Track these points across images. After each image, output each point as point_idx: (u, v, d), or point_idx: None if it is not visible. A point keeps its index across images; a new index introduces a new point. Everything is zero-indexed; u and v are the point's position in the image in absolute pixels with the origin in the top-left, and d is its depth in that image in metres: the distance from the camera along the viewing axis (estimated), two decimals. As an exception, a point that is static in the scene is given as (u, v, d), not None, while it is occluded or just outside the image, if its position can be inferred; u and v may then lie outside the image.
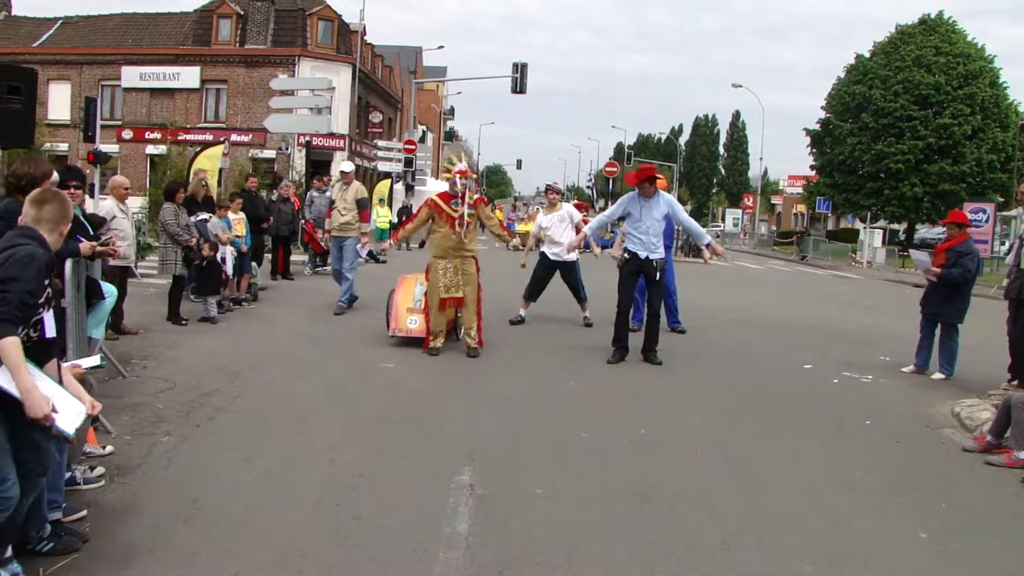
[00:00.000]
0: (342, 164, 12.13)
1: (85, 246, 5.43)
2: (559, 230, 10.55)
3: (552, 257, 10.58)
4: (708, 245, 8.80)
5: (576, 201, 28.13)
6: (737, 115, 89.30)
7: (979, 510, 4.84)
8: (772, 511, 4.58)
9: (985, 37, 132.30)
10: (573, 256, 10.56)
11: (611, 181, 55.91)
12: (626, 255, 8.49)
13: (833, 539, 4.23)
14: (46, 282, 3.44)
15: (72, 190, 5.86)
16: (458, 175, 8.60)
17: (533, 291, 10.67)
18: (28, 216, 3.57)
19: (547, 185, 11.57)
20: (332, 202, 11.56)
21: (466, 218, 8.45)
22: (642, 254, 8.35)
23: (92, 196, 14.51)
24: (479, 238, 8.95)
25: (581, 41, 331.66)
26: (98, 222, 7.10)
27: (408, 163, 31.03)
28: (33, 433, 3.32)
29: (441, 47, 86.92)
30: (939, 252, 8.59)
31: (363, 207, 11.19)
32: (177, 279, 9.57)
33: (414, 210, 10.50)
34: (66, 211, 3.66)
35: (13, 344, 3.18)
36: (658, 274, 8.41)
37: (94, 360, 4.51)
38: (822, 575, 3.83)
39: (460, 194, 8.50)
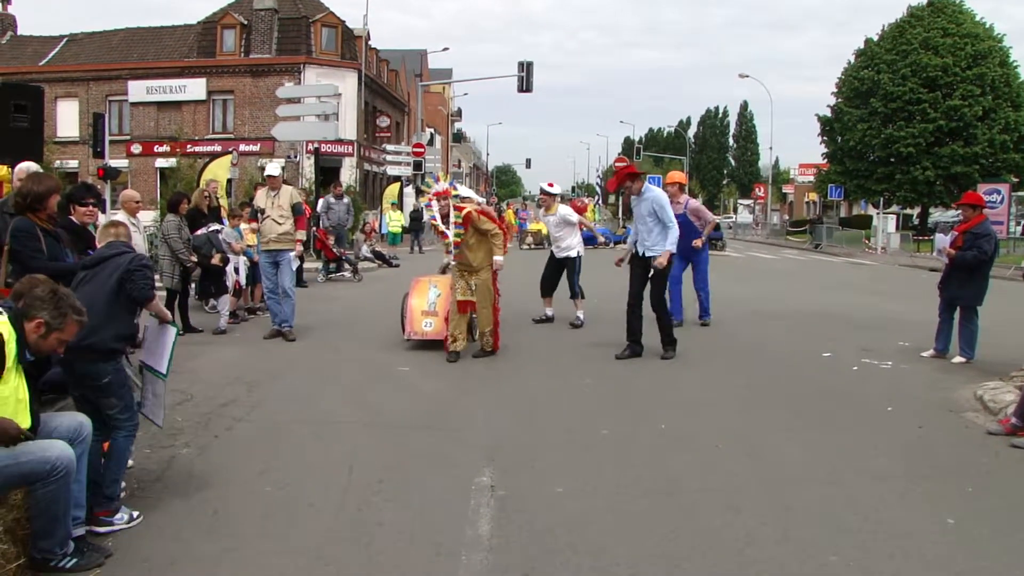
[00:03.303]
0: (268, 167, 10.19)
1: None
2: (558, 232, 10.73)
3: (557, 255, 10.80)
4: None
5: (572, 199, 28.18)
6: (745, 105, 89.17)
7: (1006, 494, 4.78)
8: (796, 503, 4.53)
9: (996, 16, 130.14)
10: (573, 254, 10.70)
11: (620, 176, 55.51)
12: (634, 250, 8.66)
13: (858, 529, 4.18)
14: None
15: (90, 207, 6.01)
16: (434, 198, 8.50)
17: (544, 287, 10.92)
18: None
19: (541, 188, 11.42)
20: (261, 211, 9.72)
21: (452, 241, 8.40)
22: (640, 251, 8.53)
23: (103, 211, 14.61)
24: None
25: (589, 39, 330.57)
26: None
27: (417, 166, 31.10)
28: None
29: (446, 49, 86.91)
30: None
31: (299, 213, 9.65)
32: (171, 292, 9.56)
33: (425, 215, 10.58)
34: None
35: None
36: (651, 271, 8.40)
37: None
38: (848, 565, 3.78)
39: (443, 215, 8.45)
